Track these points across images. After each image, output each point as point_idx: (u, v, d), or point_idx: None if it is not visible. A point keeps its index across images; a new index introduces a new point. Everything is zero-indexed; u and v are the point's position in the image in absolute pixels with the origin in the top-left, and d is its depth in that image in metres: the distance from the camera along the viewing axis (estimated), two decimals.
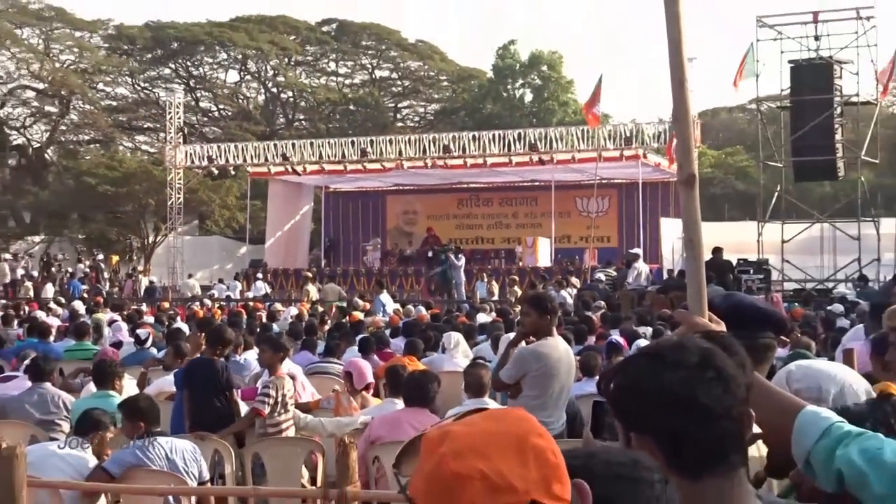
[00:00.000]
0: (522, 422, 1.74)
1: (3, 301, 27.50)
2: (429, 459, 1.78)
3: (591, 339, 13.45)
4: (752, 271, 26.81)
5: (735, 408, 2.19)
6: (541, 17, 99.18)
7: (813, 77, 30.21)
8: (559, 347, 8.39)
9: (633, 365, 2.27)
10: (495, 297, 28.34)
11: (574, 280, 29.09)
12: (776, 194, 32.11)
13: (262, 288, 34.14)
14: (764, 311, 3.43)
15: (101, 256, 41.84)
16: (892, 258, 29.82)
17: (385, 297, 25.98)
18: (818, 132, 29.48)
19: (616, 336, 13.66)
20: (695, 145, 3.56)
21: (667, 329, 12.61)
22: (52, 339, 16.51)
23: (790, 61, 30.73)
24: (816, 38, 30.77)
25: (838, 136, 30.05)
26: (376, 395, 11.17)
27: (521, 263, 35.36)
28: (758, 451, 3.36)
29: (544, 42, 75.16)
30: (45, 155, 56.08)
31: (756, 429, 2.64)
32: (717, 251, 22.93)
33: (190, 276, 37.52)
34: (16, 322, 20.58)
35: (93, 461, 7.78)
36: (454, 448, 1.71)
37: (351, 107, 57.38)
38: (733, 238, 29.12)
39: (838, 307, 18.90)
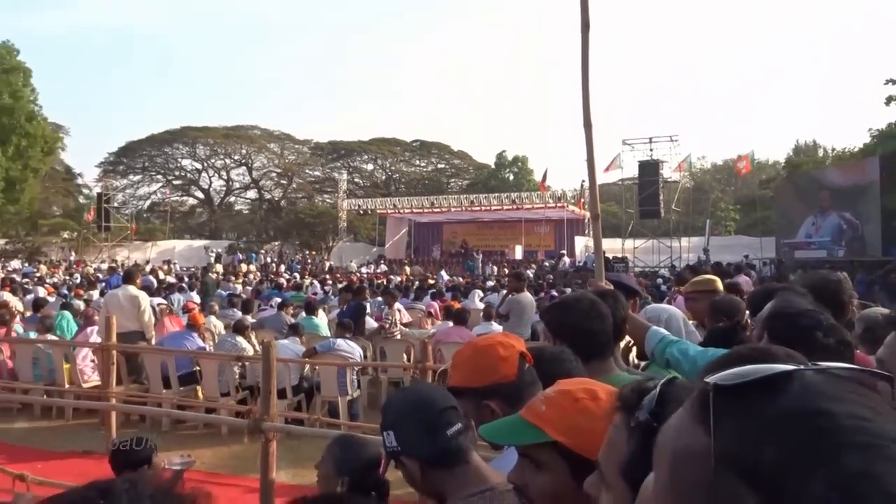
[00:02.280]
0: (501, 336, 1.74)
1: (262, 275, 26.55)
2: (466, 348, 1.75)
3: (542, 294, 12.94)
4: (620, 262, 26.52)
5: (607, 329, 2.15)
6: (520, 136, 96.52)
7: (648, 168, 30.09)
8: (527, 297, 8.57)
9: (556, 306, 2.28)
10: (496, 273, 27.58)
11: (533, 266, 28.64)
12: (631, 224, 32.39)
13: (383, 267, 33.05)
14: (627, 282, 3.30)
15: (307, 252, 41.88)
16: (687, 258, 28.49)
17: (443, 273, 26.52)
18: (651, 195, 29.61)
19: (553, 292, 13.32)
20: (597, 197, 3.55)
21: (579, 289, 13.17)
22: (284, 290, 16.10)
23: (639, 161, 30.54)
24: (651, 149, 30.85)
25: (661, 197, 29.84)
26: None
27: (507, 257, 34.74)
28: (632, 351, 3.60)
29: (519, 149, 73.52)
30: (280, 203, 55.67)
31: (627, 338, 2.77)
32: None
33: (351, 262, 35.76)
34: (265, 283, 19.88)
35: (303, 348, 8.03)
36: (476, 341, 1.74)
37: (426, 181, 56.88)
38: (611, 246, 28.80)
39: (660, 281, 19.04)
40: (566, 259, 29.99)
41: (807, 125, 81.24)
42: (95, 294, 14.36)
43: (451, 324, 9.03)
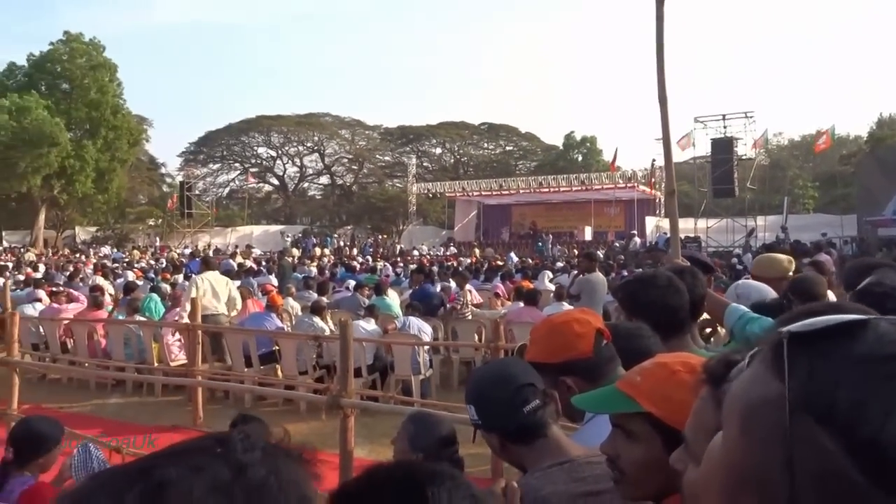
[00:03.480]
0: (578, 313, 1.73)
1: (335, 258, 26.70)
2: (542, 325, 1.76)
3: (613, 274, 12.86)
4: (693, 242, 25.46)
5: (684, 305, 2.11)
6: (589, 116, 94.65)
7: (722, 146, 29.17)
8: (599, 277, 8.37)
9: (633, 283, 2.26)
10: (565, 255, 27.49)
11: (603, 247, 28.54)
12: (704, 203, 31.02)
13: (453, 249, 33.30)
14: (703, 258, 3.25)
15: (378, 235, 41.58)
16: (763, 237, 27.80)
17: (512, 255, 26.30)
18: (725, 173, 28.68)
19: (624, 272, 13.63)
20: (672, 172, 3.45)
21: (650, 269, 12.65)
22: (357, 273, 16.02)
23: (712, 138, 29.72)
24: (724, 126, 29.91)
25: (735, 175, 29.01)
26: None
27: (576, 238, 34.79)
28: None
29: (588, 129, 72.39)
30: (352, 188, 56.71)
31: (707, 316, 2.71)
32: None
33: (421, 245, 36.49)
34: (339, 266, 19.60)
35: (378, 328, 8.18)
36: (552, 318, 1.75)
37: (494, 164, 57.24)
38: (683, 226, 27.84)
39: (735, 259, 19.16)
40: (637, 239, 29.38)
41: (891, 98, 77.24)
42: (180, 278, 14.90)
43: (521, 304, 9.04)
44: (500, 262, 20.59)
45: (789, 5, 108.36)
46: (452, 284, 11.50)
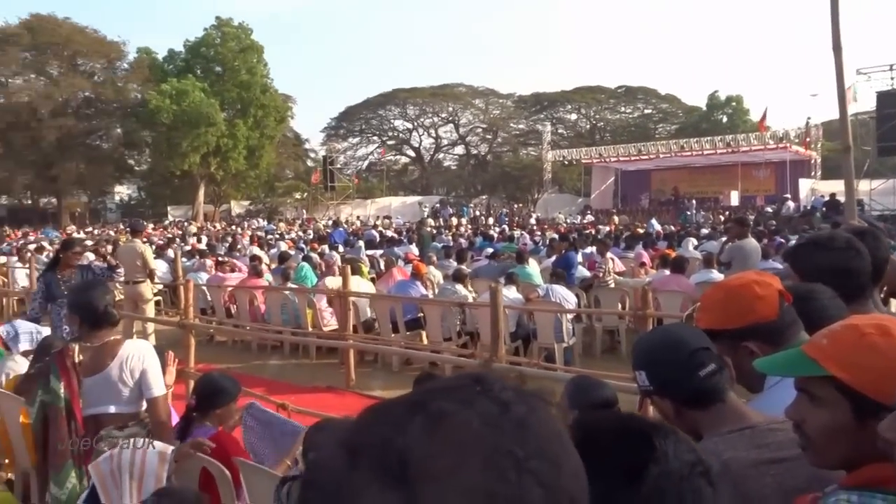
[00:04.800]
0: (755, 275, 1.67)
1: (472, 228, 26.73)
2: (716, 290, 1.71)
3: (765, 240, 11.93)
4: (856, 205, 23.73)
5: (865, 268, 2.01)
6: (734, 73, 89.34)
7: (889, 100, 26.05)
8: (752, 243, 8.11)
9: (806, 246, 2.16)
10: (710, 221, 26.13)
11: (752, 212, 26.79)
12: (867, 162, 27.57)
13: (589, 217, 32.53)
14: (875, 224, 2.87)
15: (513, 204, 41.92)
16: None
17: (653, 221, 24.73)
18: (892, 129, 25.49)
19: (779, 238, 13.39)
20: (848, 126, 3.10)
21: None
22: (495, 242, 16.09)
23: (877, 91, 26.81)
24: (892, 78, 27.29)
25: None
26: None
27: (722, 203, 32.84)
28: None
29: (733, 88, 68.40)
30: (487, 158, 56.86)
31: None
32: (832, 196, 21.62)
33: (557, 213, 35.93)
34: (477, 236, 19.45)
35: (519, 296, 8.10)
36: (728, 282, 1.71)
37: (632, 128, 55.82)
38: (843, 188, 25.61)
39: None
40: (790, 203, 27.26)
41: None
42: (326, 248, 15.59)
43: (667, 272, 8.86)
44: (640, 230, 20.16)
45: None
46: (593, 252, 11.33)
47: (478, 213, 39.64)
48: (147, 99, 39.06)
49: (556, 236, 16.96)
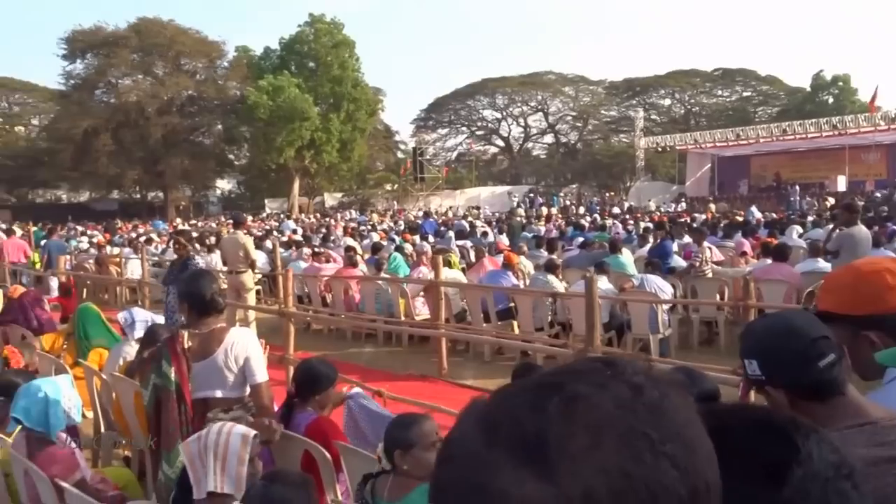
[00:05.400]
0: (889, 262, 1.61)
1: (562, 217, 26.52)
2: (845, 273, 1.66)
3: (876, 228, 11.29)
4: None
5: None
6: (841, 51, 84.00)
7: None
8: (862, 231, 7.72)
9: None
10: (815, 207, 25.16)
11: (861, 198, 25.36)
12: None
13: (683, 205, 32.17)
14: None
15: (605, 193, 41.91)
16: None
17: (753, 209, 23.83)
18: None
19: (891, 225, 12.94)
20: None
21: None
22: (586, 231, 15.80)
23: None
24: None
25: None
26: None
27: (827, 189, 31.08)
28: None
29: (840, 67, 64.62)
30: (577, 146, 56.90)
31: None
32: None
33: (649, 201, 35.19)
34: (568, 225, 19.16)
35: (610, 286, 7.87)
36: (859, 265, 1.67)
37: (729, 112, 53.79)
38: None
39: None
40: None
41: None
42: (417, 238, 15.76)
43: (769, 261, 8.51)
44: (739, 218, 19.35)
45: None
46: (689, 241, 11.00)
47: (568, 202, 39.32)
48: (245, 96, 40.61)
49: (649, 225, 16.59)
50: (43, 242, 15.68)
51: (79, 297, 11.01)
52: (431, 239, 15.75)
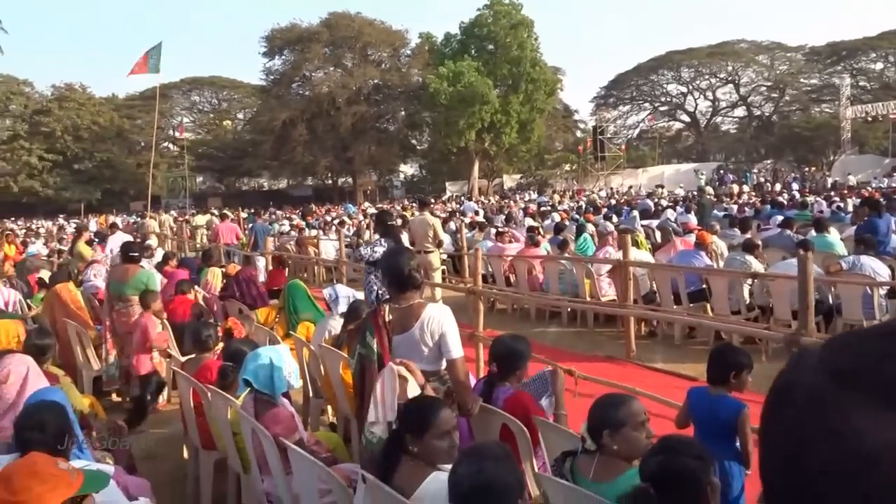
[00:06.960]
0: None
1: (757, 195, 25.22)
2: None
3: None
4: None
5: None
6: None
7: None
8: None
9: None
10: None
11: None
12: None
13: None
14: None
15: (805, 168, 38.38)
16: None
17: None
18: None
19: None
20: None
21: None
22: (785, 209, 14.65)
23: None
24: None
25: None
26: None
27: None
28: None
29: None
30: (772, 118, 52.55)
31: None
32: None
33: (857, 176, 32.15)
34: (765, 203, 17.88)
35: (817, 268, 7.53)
36: None
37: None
38: None
39: None
40: None
41: None
42: (600, 218, 15.44)
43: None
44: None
45: None
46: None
47: (762, 179, 37.35)
48: (427, 82, 41.95)
49: (857, 202, 15.17)
50: (250, 226, 17.41)
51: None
52: (615, 219, 15.38)
